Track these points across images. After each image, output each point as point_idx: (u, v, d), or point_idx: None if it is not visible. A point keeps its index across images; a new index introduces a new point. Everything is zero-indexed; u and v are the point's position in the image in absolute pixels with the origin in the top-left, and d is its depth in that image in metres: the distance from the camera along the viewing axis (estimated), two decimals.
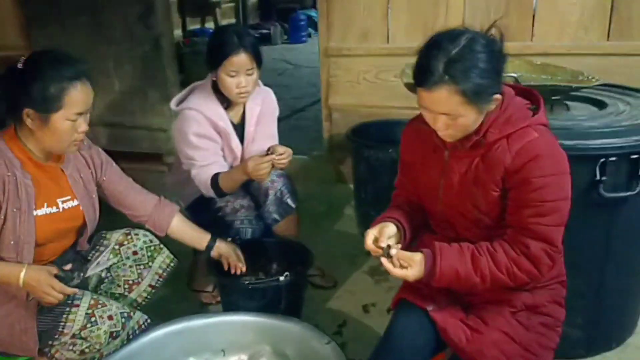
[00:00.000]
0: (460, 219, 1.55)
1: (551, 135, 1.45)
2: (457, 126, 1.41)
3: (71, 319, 1.69)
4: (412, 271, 1.45)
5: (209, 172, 2.21)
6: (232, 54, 2.10)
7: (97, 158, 1.90)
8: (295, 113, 5.22)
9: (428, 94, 1.36)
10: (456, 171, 1.51)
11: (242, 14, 8.75)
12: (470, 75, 1.32)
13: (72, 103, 1.60)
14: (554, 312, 1.56)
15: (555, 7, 2.84)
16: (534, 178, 1.38)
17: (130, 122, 3.55)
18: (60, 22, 3.46)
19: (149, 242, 1.98)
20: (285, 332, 1.85)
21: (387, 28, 3.11)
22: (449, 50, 1.33)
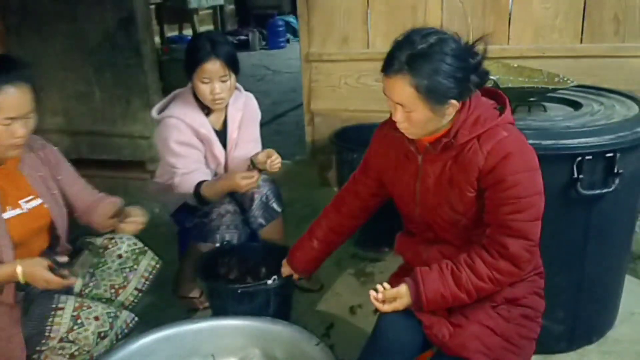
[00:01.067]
0: (438, 221, 1.59)
1: (519, 133, 1.50)
2: (411, 121, 1.45)
3: (57, 322, 1.69)
4: (400, 302, 1.51)
5: (192, 180, 2.21)
6: (205, 61, 2.12)
7: (52, 157, 1.89)
8: (276, 118, 5.23)
9: (387, 81, 1.43)
10: (431, 174, 1.55)
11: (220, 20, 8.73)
12: (427, 73, 1.38)
13: (1, 107, 1.58)
14: (533, 304, 1.60)
15: (530, 10, 2.91)
16: (508, 176, 1.42)
17: (111, 130, 3.52)
18: (37, 31, 3.43)
19: (133, 245, 1.98)
20: (275, 335, 1.86)
21: (367, 33, 3.15)
22: (416, 45, 1.39)
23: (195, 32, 7.34)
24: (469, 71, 1.43)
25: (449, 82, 1.39)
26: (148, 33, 3.41)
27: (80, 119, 3.57)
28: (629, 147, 1.80)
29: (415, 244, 1.70)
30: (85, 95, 3.50)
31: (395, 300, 1.51)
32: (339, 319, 2.33)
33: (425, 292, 1.48)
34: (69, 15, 3.34)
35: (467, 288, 1.47)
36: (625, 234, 2.06)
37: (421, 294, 1.48)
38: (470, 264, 1.48)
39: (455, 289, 1.47)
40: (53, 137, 3.56)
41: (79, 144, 3.62)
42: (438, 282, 1.48)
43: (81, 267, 1.88)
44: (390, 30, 3.11)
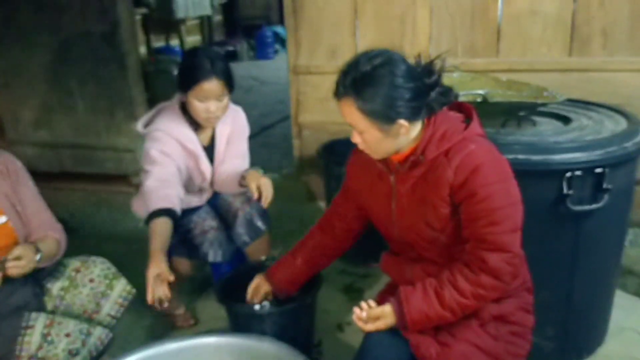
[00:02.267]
0: (417, 240, 1.57)
1: (489, 144, 1.49)
2: (366, 142, 1.47)
3: (27, 341, 1.66)
4: (384, 322, 1.50)
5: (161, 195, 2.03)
6: (203, 80, 2.04)
7: (13, 171, 1.83)
8: (263, 130, 5.20)
9: (338, 104, 1.46)
10: (404, 194, 1.54)
11: (207, 30, 8.71)
12: (370, 96, 1.39)
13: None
14: (522, 320, 1.58)
15: (518, 24, 2.92)
16: (479, 188, 1.40)
17: (95, 142, 3.48)
18: (21, 42, 3.39)
19: (106, 270, 1.92)
20: (261, 353, 1.81)
21: (355, 45, 3.14)
22: (360, 69, 1.40)
23: (182, 43, 7.32)
24: (423, 91, 1.43)
25: (395, 104, 1.40)
26: (133, 45, 3.37)
27: (63, 132, 3.53)
28: (617, 162, 1.80)
29: (400, 263, 1.69)
30: (69, 108, 3.46)
31: (379, 320, 1.50)
32: (327, 335, 2.30)
33: (410, 312, 1.47)
34: (53, 26, 3.30)
35: (450, 306, 1.45)
36: (614, 249, 2.05)
37: (405, 315, 1.47)
38: (452, 282, 1.46)
39: (439, 308, 1.46)
40: (35, 149, 3.51)
41: (62, 157, 3.57)
42: (422, 302, 1.47)
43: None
44: (378, 42, 3.09)
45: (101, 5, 3.16)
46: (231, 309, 2.05)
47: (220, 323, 2.32)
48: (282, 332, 1.92)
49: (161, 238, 1.93)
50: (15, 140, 3.51)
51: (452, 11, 2.97)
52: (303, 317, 2.06)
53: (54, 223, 1.90)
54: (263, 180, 2.13)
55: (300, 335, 2.01)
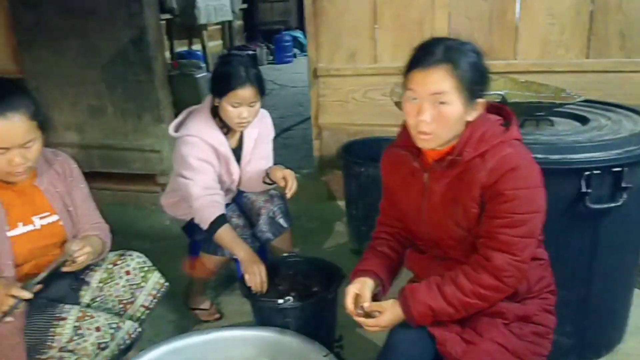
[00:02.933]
0: (445, 239, 1.59)
1: (525, 150, 1.50)
2: (442, 118, 1.42)
3: (58, 332, 1.70)
4: (383, 318, 1.53)
5: (212, 203, 2.18)
6: (238, 87, 2.12)
7: (69, 173, 1.89)
8: (283, 132, 5.27)
9: (424, 74, 1.40)
10: (436, 192, 1.55)
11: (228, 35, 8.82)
12: (466, 64, 1.40)
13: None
14: (544, 321, 1.60)
15: (536, 26, 2.94)
16: (507, 190, 1.42)
17: (123, 143, 3.58)
18: (50, 46, 3.49)
19: (142, 263, 1.98)
20: (284, 346, 1.87)
21: (374, 48, 3.19)
22: (448, 42, 1.43)
23: (204, 48, 7.42)
24: (486, 74, 1.46)
25: (480, 78, 1.43)
26: (159, 49, 3.46)
27: (92, 133, 3.63)
28: (636, 161, 1.81)
29: (425, 260, 1.70)
30: (98, 110, 3.56)
31: (380, 315, 1.53)
32: (348, 330, 2.34)
33: (415, 305, 1.49)
34: (82, 31, 3.40)
35: (452, 302, 1.48)
36: (633, 247, 2.06)
37: (410, 308, 1.50)
38: (454, 279, 1.49)
39: (443, 302, 1.48)
40: (66, 150, 3.61)
41: (92, 157, 3.66)
42: (426, 295, 1.49)
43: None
44: (397, 46, 3.15)
45: (129, 10, 3.25)
46: (255, 303, 2.11)
47: (244, 317, 2.38)
48: (304, 326, 1.97)
49: (239, 241, 2.17)
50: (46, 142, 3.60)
51: (469, 14, 3.00)
52: (325, 312, 2.11)
53: (101, 224, 1.96)
54: (287, 171, 2.23)
55: (322, 330, 2.05)
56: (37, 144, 1.65)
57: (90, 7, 3.32)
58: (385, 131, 3.14)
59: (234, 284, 2.66)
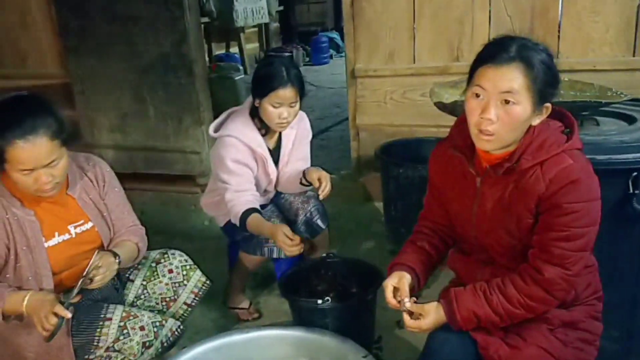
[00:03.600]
0: (494, 245, 1.56)
1: (586, 161, 1.45)
2: (508, 117, 1.37)
3: (104, 332, 1.74)
4: (425, 321, 1.50)
5: (243, 202, 2.23)
6: (279, 87, 2.17)
7: (101, 178, 1.91)
8: (320, 133, 5.28)
9: (496, 71, 1.35)
10: (489, 198, 1.51)
11: (265, 37, 8.91)
12: (539, 64, 1.36)
13: (14, 160, 1.58)
14: (591, 328, 1.56)
15: (579, 24, 2.87)
16: (565, 204, 1.38)
17: (164, 145, 3.65)
18: (96, 51, 3.58)
19: (184, 262, 2.04)
20: (323, 346, 1.89)
21: (413, 48, 3.17)
22: (522, 40, 1.38)
23: (241, 50, 7.52)
24: (557, 78, 1.42)
25: (555, 81, 1.39)
26: (199, 53, 3.53)
27: (135, 136, 3.71)
28: None
29: (469, 263, 1.68)
30: (140, 113, 3.64)
31: (422, 318, 1.51)
32: (387, 332, 2.34)
33: (459, 309, 1.47)
34: (125, 37, 3.48)
35: (498, 311, 1.46)
36: None
37: (455, 312, 1.47)
38: (501, 288, 1.46)
39: (488, 310, 1.46)
40: (110, 152, 3.73)
41: (134, 159, 3.75)
42: (471, 301, 1.47)
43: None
44: (436, 46, 3.13)
45: (171, 14, 3.32)
46: (294, 303, 2.13)
47: (283, 317, 2.41)
48: (343, 326, 1.98)
49: (264, 222, 2.19)
50: (92, 144, 3.72)
51: (511, 12, 2.95)
52: (363, 313, 2.11)
53: (136, 227, 1.99)
54: (323, 172, 2.25)
55: (360, 331, 2.06)
56: (62, 161, 1.67)
57: (135, 12, 3.40)
58: (424, 132, 3.14)
59: (273, 284, 2.69)
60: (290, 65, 2.24)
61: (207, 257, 2.19)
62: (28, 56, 3.90)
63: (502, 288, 1.46)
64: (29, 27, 3.83)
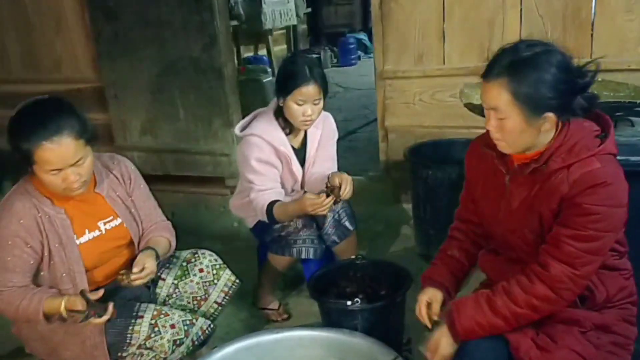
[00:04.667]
0: (519, 243, 1.56)
1: (616, 166, 1.43)
2: (504, 130, 1.42)
3: (137, 330, 1.78)
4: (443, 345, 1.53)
5: (266, 197, 2.28)
6: (303, 85, 2.20)
7: (127, 176, 1.96)
8: (348, 135, 5.29)
9: (485, 86, 1.42)
10: (516, 196, 1.52)
11: (293, 40, 8.95)
12: (527, 81, 1.35)
13: (42, 161, 1.63)
14: (624, 331, 1.54)
15: (613, 23, 2.81)
16: (585, 204, 1.37)
17: (194, 147, 3.70)
18: (128, 56, 3.65)
19: (214, 261, 2.07)
20: (353, 347, 1.88)
21: (442, 49, 3.15)
22: (520, 53, 1.38)
23: (269, 52, 7.57)
24: (574, 88, 1.39)
25: (549, 93, 1.36)
26: (229, 56, 3.56)
27: (166, 138, 3.77)
28: None
29: (500, 262, 1.68)
30: (171, 116, 3.70)
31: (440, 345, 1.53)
32: (417, 334, 2.32)
33: (459, 319, 1.48)
34: (157, 41, 3.54)
35: (503, 314, 1.45)
36: None
37: (455, 322, 1.48)
38: (507, 290, 1.46)
39: (491, 315, 1.46)
40: (141, 155, 3.80)
41: (165, 161, 3.81)
42: (472, 309, 1.48)
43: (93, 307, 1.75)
44: (466, 46, 3.10)
45: (201, 19, 3.37)
46: (324, 305, 2.14)
47: (312, 318, 2.42)
48: (372, 328, 1.98)
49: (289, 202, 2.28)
50: (123, 147, 3.79)
51: (542, 12, 2.91)
52: (393, 315, 2.11)
53: (164, 222, 2.06)
54: (345, 175, 2.25)
55: (390, 333, 2.06)
56: (88, 159, 1.72)
57: (166, 17, 3.45)
58: (454, 133, 3.11)
59: (302, 285, 2.71)
60: (313, 64, 2.28)
61: (236, 258, 2.22)
62: (62, 61, 4.00)
63: (507, 289, 1.46)
64: (63, 33, 3.92)
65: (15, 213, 1.70)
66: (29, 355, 2.02)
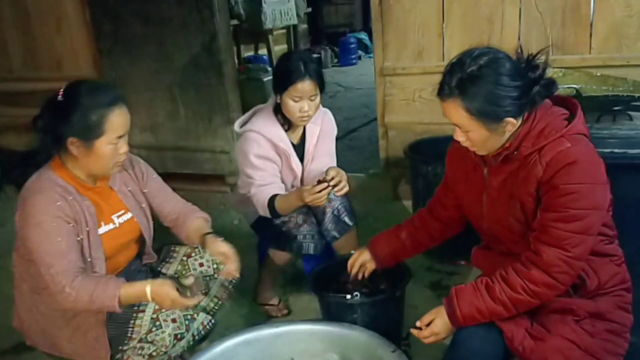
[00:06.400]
0: (506, 234, 1.58)
1: (587, 144, 1.45)
2: (471, 140, 1.47)
3: (138, 324, 1.78)
4: (437, 323, 1.56)
5: (267, 192, 2.29)
6: (298, 81, 2.20)
7: (138, 170, 1.99)
8: (348, 133, 5.29)
9: (442, 104, 1.48)
10: (495, 187, 1.55)
11: (293, 39, 8.95)
12: (476, 96, 1.39)
13: (112, 128, 1.69)
14: (619, 319, 1.55)
15: (612, 19, 2.82)
16: (562, 184, 1.39)
17: (194, 145, 3.71)
18: (128, 53, 3.67)
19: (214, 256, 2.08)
20: (352, 341, 1.89)
21: (442, 46, 3.16)
22: (466, 69, 1.41)
23: (270, 52, 7.57)
24: (528, 87, 1.42)
25: (502, 102, 1.40)
26: (229, 54, 3.57)
27: (166, 136, 3.78)
28: None
29: (491, 257, 1.70)
30: (171, 113, 3.71)
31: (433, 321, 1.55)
32: None
33: (460, 306, 1.49)
34: (157, 39, 3.55)
35: (501, 300, 1.46)
36: None
37: (455, 308, 1.50)
38: (504, 277, 1.48)
39: (490, 302, 1.48)
40: (141, 152, 3.79)
41: (165, 158, 3.82)
42: (472, 296, 1.50)
43: (198, 287, 1.91)
44: (466, 43, 3.07)
45: (201, 17, 3.37)
46: (323, 299, 2.14)
47: (312, 314, 2.42)
48: (372, 322, 1.98)
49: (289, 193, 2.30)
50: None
51: (542, 8, 2.92)
52: (392, 309, 2.11)
53: (186, 204, 2.10)
54: (342, 171, 2.26)
55: (389, 327, 2.05)
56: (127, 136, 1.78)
57: (166, 15, 3.46)
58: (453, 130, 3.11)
59: (302, 282, 2.71)
60: (308, 59, 2.27)
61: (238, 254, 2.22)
62: (63, 59, 4.01)
63: (504, 276, 1.48)
64: (64, 31, 3.94)
65: (49, 197, 1.68)
66: (30, 349, 2.02)
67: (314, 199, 2.16)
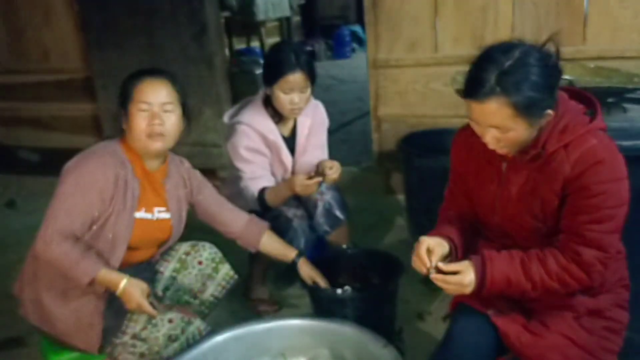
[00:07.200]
0: (518, 230, 1.55)
1: (610, 140, 1.43)
2: (506, 140, 1.40)
3: (134, 319, 1.78)
4: (464, 277, 1.42)
5: (257, 185, 2.27)
6: (289, 73, 2.16)
7: (194, 180, 2.03)
8: (342, 127, 5.26)
9: (478, 106, 1.35)
10: (514, 183, 1.50)
11: (286, 32, 8.90)
12: (522, 88, 1.31)
13: (137, 95, 1.78)
14: (617, 316, 1.53)
15: (607, 10, 2.80)
16: (593, 185, 1.36)
17: (184, 138, 3.65)
18: (117, 45, 3.63)
19: (213, 254, 2.06)
20: (342, 336, 1.86)
21: (435, 38, 3.13)
22: (502, 63, 1.33)
23: (262, 44, 7.52)
24: (554, 76, 1.38)
25: (543, 93, 1.34)
26: (220, 45, 3.54)
27: None
28: None
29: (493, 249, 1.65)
30: None
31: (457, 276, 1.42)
32: (408, 324, 2.32)
33: (492, 271, 1.42)
34: (146, 30, 3.52)
35: (533, 279, 1.42)
36: None
37: (487, 273, 1.42)
38: (542, 259, 1.43)
39: (522, 276, 1.42)
40: None
41: None
42: (506, 263, 1.43)
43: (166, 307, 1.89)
44: (459, 34, 3.08)
45: (190, 8, 3.34)
46: (314, 293, 2.12)
47: (303, 309, 2.41)
48: (363, 317, 1.95)
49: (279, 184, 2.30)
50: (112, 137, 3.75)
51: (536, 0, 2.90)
52: (385, 304, 2.09)
53: (242, 212, 2.13)
54: (335, 163, 2.25)
55: (381, 322, 2.04)
56: (175, 115, 1.90)
57: (155, 5, 3.44)
58: (447, 122, 3.09)
59: (293, 277, 2.68)
60: (299, 50, 2.23)
61: (226, 250, 2.19)
62: (51, 51, 3.97)
63: (542, 259, 1.43)
64: (52, 23, 3.90)
65: (103, 164, 1.76)
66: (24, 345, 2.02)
67: (305, 189, 2.13)
